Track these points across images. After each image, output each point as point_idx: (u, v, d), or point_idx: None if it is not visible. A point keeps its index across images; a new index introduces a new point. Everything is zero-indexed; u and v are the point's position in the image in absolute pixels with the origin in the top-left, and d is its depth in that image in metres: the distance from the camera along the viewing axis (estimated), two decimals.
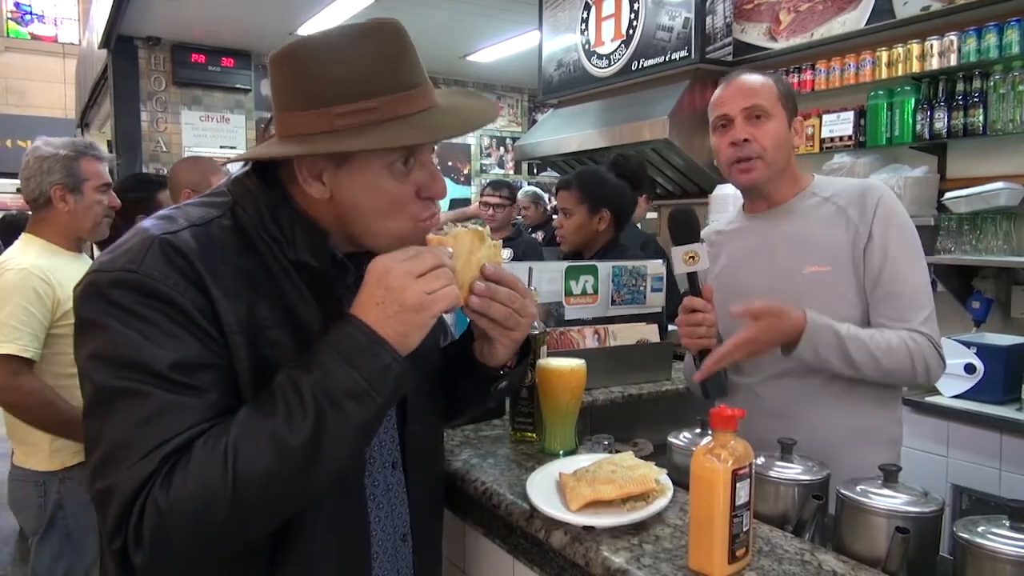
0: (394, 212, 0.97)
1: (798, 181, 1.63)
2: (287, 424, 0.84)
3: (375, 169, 0.95)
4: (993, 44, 2.76)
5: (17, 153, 10.91)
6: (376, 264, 0.91)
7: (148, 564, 0.82)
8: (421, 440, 1.13)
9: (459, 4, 5.74)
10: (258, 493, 0.83)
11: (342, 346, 0.88)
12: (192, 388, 0.86)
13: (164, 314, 0.87)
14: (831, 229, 1.54)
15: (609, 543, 1.04)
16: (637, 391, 2.07)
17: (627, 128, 3.94)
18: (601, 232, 2.54)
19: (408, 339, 0.90)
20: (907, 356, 1.45)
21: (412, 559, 1.12)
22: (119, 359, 0.85)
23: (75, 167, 2.11)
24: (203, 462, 0.82)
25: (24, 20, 12.53)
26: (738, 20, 3.77)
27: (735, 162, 1.57)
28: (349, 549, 1.02)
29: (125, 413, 0.84)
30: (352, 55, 0.93)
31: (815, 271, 1.53)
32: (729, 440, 0.96)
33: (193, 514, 0.81)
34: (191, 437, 0.84)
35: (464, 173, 8.87)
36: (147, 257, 0.89)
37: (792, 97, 1.62)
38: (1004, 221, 2.85)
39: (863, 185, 1.59)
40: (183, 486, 0.81)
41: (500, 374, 1.14)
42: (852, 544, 1.11)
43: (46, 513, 2.07)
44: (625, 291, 2.28)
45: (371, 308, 0.89)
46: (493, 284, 1.01)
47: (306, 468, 0.85)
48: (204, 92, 7.29)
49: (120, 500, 0.82)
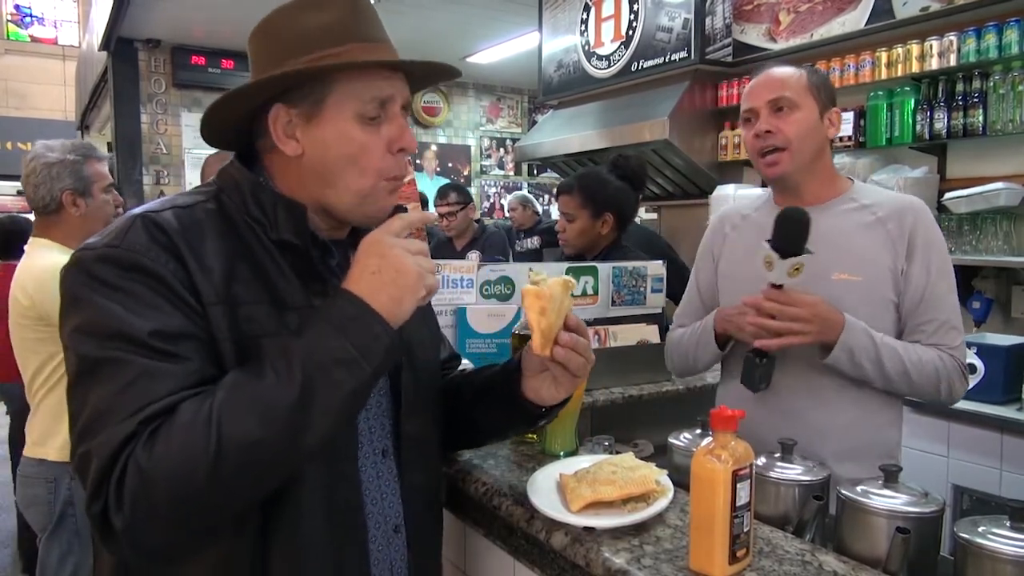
0: (362, 165, 1.00)
1: (835, 183, 1.59)
2: (274, 389, 0.85)
3: (345, 119, 0.99)
4: (992, 44, 2.76)
5: (17, 155, 10.93)
6: (370, 237, 0.95)
7: (129, 526, 0.81)
8: (416, 433, 1.12)
9: (459, 5, 5.74)
10: (242, 456, 0.83)
11: (333, 316, 0.90)
12: (172, 356, 0.87)
13: (145, 286, 0.89)
14: (867, 239, 1.51)
15: (610, 544, 1.04)
16: (637, 392, 2.07)
17: (627, 129, 3.94)
18: (604, 235, 2.53)
19: (402, 306, 0.92)
20: (935, 374, 1.45)
21: (406, 553, 1.11)
22: (102, 330, 0.87)
23: (83, 171, 2.12)
24: (187, 423, 0.83)
25: (24, 22, 12.54)
26: (738, 21, 3.78)
27: (761, 156, 1.55)
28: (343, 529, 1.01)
29: (107, 381, 0.85)
30: (324, 9, 1.00)
31: (845, 279, 1.48)
32: (729, 441, 0.96)
33: (175, 474, 0.81)
34: (174, 401, 0.85)
35: (464, 174, 8.88)
36: (129, 233, 0.92)
37: (827, 88, 1.57)
38: (1004, 221, 2.85)
39: (904, 201, 1.55)
40: (166, 446, 0.82)
41: (543, 411, 1.17)
42: (853, 544, 1.11)
43: (55, 510, 2.08)
44: (625, 292, 2.28)
45: (365, 278, 0.91)
46: (575, 335, 1.07)
47: (292, 434, 0.86)
48: (204, 94, 7.30)
49: (98, 462, 0.82)
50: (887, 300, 1.50)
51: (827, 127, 1.55)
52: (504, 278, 2.04)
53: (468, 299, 1.97)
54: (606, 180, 2.53)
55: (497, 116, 9.12)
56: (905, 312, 1.51)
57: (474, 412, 1.23)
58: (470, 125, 8.94)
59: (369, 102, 0.99)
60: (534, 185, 9.14)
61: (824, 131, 1.55)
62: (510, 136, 9.09)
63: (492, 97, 9.04)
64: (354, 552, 1.03)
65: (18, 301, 2.05)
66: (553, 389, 1.12)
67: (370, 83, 0.99)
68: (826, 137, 1.55)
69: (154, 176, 7.17)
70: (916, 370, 1.44)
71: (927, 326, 1.49)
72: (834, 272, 1.49)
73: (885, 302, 1.50)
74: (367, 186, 1.01)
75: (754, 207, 1.73)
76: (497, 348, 1.90)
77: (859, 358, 1.43)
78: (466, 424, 1.25)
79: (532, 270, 1.92)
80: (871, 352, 1.43)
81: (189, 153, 7.27)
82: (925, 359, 1.45)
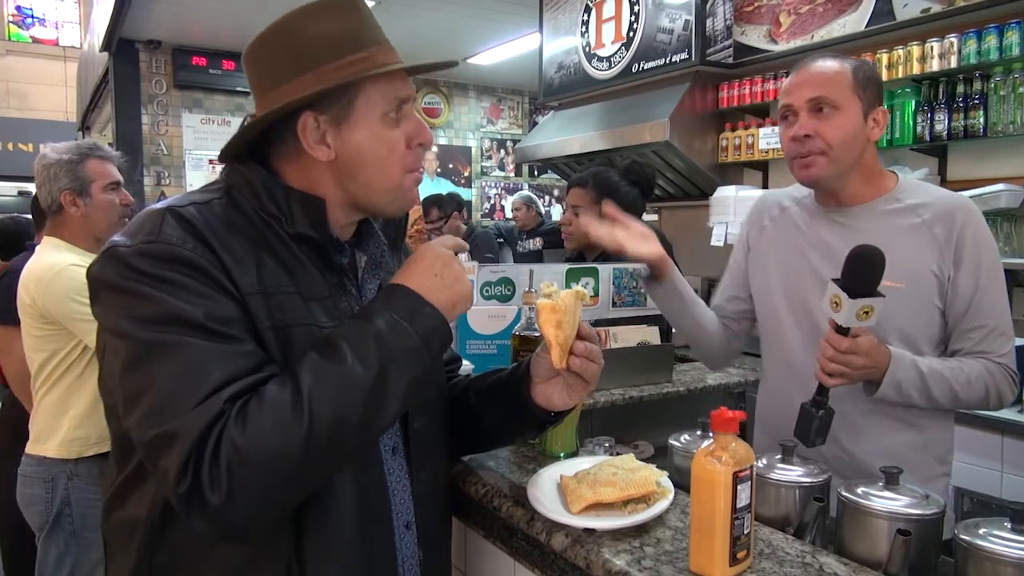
0: (391, 161, 1.05)
1: (877, 181, 1.49)
2: (356, 373, 0.90)
3: (374, 120, 1.03)
4: (993, 46, 2.76)
5: (18, 156, 10.92)
6: (432, 247, 1.03)
7: (225, 502, 0.83)
8: (424, 431, 1.14)
9: (459, 6, 5.75)
10: (331, 435, 0.87)
11: (398, 307, 0.96)
12: (232, 337, 0.90)
13: (190, 276, 0.91)
14: (912, 244, 1.43)
15: (610, 545, 1.04)
16: (638, 393, 2.07)
17: (628, 130, 3.94)
18: None
19: (455, 309, 1.01)
20: (983, 388, 1.41)
21: (417, 550, 1.12)
22: (156, 316, 0.88)
23: (79, 170, 2.14)
24: (277, 403, 0.86)
25: (25, 23, 12.54)
26: (738, 22, 3.78)
27: (795, 157, 1.46)
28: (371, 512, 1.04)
29: (171, 363, 0.86)
30: (329, 19, 1.02)
31: (888, 285, 1.33)
32: (730, 442, 0.96)
33: (271, 451, 0.84)
34: (255, 382, 0.88)
35: (465, 175, 8.88)
36: (163, 227, 0.93)
37: (874, 84, 1.46)
38: (1005, 223, 2.84)
39: (953, 202, 1.45)
40: (258, 424, 0.84)
41: (552, 416, 1.18)
42: (853, 546, 1.11)
43: (52, 509, 2.09)
44: (626, 293, 2.29)
45: (427, 279, 0.99)
46: (589, 344, 1.10)
47: (371, 415, 0.92)
48: (205, 95, 7.31)
49: (185, 442, 0.83)
50: (932, 307, 1.44)
51: (871, 128, 1.45)
52: (504, 279, 2.04)
53: None
54: (618, 182, 2.55)
55: (498, 117, 9.12)
56: (952, 319, 1.45)
57: (482, 415, 1.24)
58: (471, 126, 8.94)
59: (392, 102, 1.04)
60: (534, 187, 9.14)
61: (867, 132, 1.45)
62: (511, 137, 9.09)
63: (493, 98, 9.04)
64: (380, 532, 1.05)
65: (23, 299, 2.09)
66: (565, 395, 1.14)
67: (392, 85, 1.04)
68: (868, 139, 1.45)
69: (155, 177, 7.17)
70: (964, 391, 1.40)
71: (974, 333, 1.43)
72: None
73: (930, 309, 1.44)
74: (396, 181, 1.06)
75: (794, 198, 1.63)
76: (497, 349, 1.90)
77: (907, 390, 1.38)
78: (473, 427, 1.26)
79: (534, 272, 1.93)
80: (918, 383, 1.38)
81: (190, 154, 7.27)
82: (973, 377, 1.40)
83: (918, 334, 1.44)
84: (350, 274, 1.10)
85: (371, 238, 1.16)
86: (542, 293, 1.08)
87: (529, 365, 1.16)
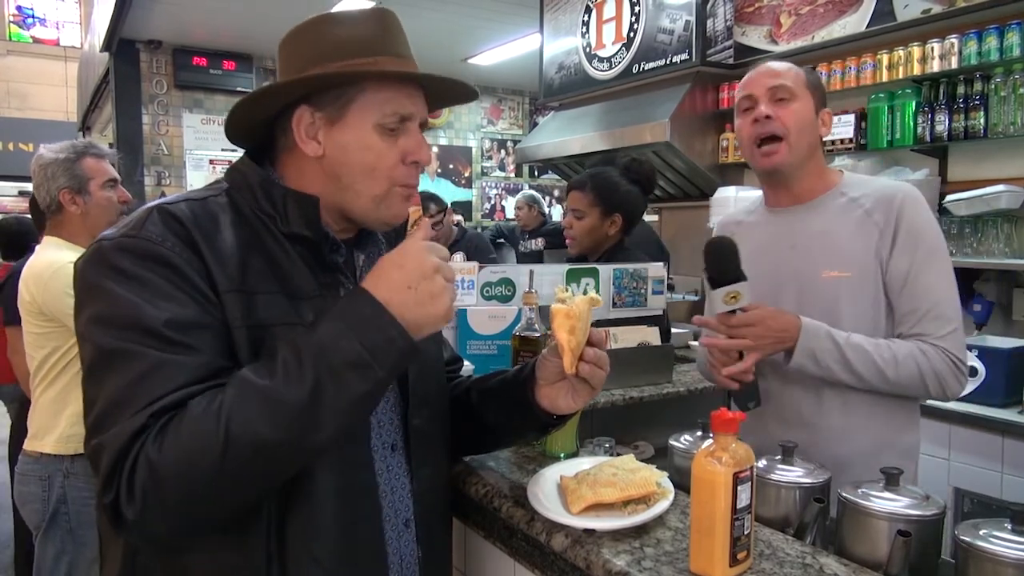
0: (377, 172, 1.03)
1: (825, 177, 1.57)
2: (284, 388, 0.86)
3: (366, 127, 1.02)
4: (994, 47, 2.76)
5: (19, 156, 10.92)
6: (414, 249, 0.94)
7: (140, 518, 0.84)
8: (424, 428, 1.13)
9: (460, 7, 5.75)
10: (248, 453, 0.84)
11: (348, 315, 0.90)
12: (185, 346, 0.89)
13: (161, 275, 0.91)
14: (855, 233, 1.49)
15: (610, 546, 1.04)
16: (638, 394, 2.07)
17: (628, 131, 3.95)
18: (611, 235, 2.52)
19: (421, 332, 0.93)
20: (916, 369, 1.40)
21: (416, 548, 1.11)
22: (116, 321, 0.89)
23: (77, 168, 2.15)
24: (197, 418, 0.84)
25: (26, 23, 12.54)
26: (739, 23, 3.78)
27: (758, 144, 1.52)
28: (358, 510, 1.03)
29: (120, 373, 0.87)
30: (352, 25, 1.05)
31: (834, 276, 1.47)
32: (730, 443, 0.96)
33: (183, 468, 0.83)
34: (185, 396, 0.86)
35: (465, 176, 8.88)
36: (147, 223, 0.95)
37: (821, 88, 1.58)
38: (1005, 224, 2.84)
39: (890, 188, 1.52)
40: (175, 441, 0.83)
41: (556, 419, 1.18)
42: (853, 547, 1.11)
43: (48, 508, 2.10)
44: (626, 293, 2.29)
45: (399, 290, 0.91)
46: (598, 351, 1.10)
47: (300, 433, 0.87)
48: (205, 95, 7.31)
49: (110, 454, 0.84)
50: (879, 296, 1.47)
51: (820, 126, 1.55)
52: (505, 280, 2.04)
53: (469, 301, 1.97)
54: (617, 181, 2.52)
55: (498, 118, 9.13)
56: (893, 303, 1.47)
57: (484, 416, 1.24)
58: (471, 127, 8.95)
59: (390, 115, 1.03)
60: (535, 187, 9.14)
61: (818, 129, 1.55)
62: (511, 138, 9.09)
63: (493, 99, 9.04)
64: (368, 532, 1.04)
65: (23, 296, 2.10)
66: (570, 399, 1.14)
67: (393, 98, 1.03)
68: (819, 136, 1.56)
69: (155, 177, 7.17)
70: (891, 368, 1.40)
71: (909, 316, 1.45)
72: (824, 270, 1.49)
73: (877, 297, 1.47)
74: (381, 191, 1.04)
75: (748, 212, 1.73)
76: (497, 350, 1.90)
77: (824, 360, 1.40)
78: (475, 428, 1.26)
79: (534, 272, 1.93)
80: (835, 353, 1.40)
81: (190, 154, 7.27)
82: (901, 355, 1.40)
83: (867, 323, 1.46)
84: (347, 273, 1.09)
85: (370, 237, 1.16)
86: (557, 298, 1.07)
87: (535, 367, 1.16)
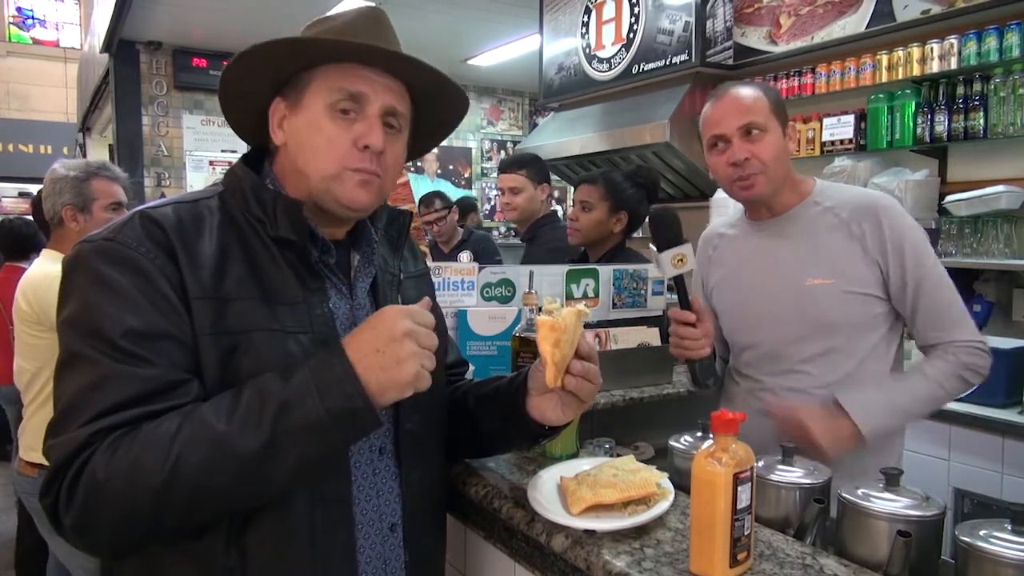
0: (326, 153, 1.02)
1: (799, 188, 1.61)
2: (238, 438, 0.86)
3: (318, 108, 1.02)
4: (993, 47, 2.76)
5: (19, 157, 10.90)
6: (392, 312, 0.94)
7: (75, 526, 0.86)
8: (416, 432, 1.12)
9: (460, 8, 5.75)
10: (188, 493, 0.85)
11: (320, 375, 0.89)
12: (140, 358, 0.89)
13: (130, 281, 0.92)
14: (834, 241, 1.53)
15: (610, 547, 1.04)
16: (638, 395, 2.07)
17: (628, 132, 3.95)
18: (615, 234, 2.56)
19: (385, 396, 0.91)
20: (959, 379, 1.49)
21: (402, 553, 1.10)
22: (82, 325, 0.91)
23: (85, 187, 2.21)
24: (147, 446, 0.85)
25: (26, 25, 12.54)
26: (738, 24, 3.78)
27: (735, 180, 1.55)
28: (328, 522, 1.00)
29: (78, 377, 0.89)
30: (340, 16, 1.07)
31: (818, 283, 1.52)
32: (730, 444, 0.96)
33: (124, 493, 0.84)
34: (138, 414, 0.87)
35: (465, 176, 8.88)
36: (125, 227, 0.96)
37: (782, 104, 1.59)
38: (1005, 224, 2.84)
39: (865, 198, 1.56)
40: (124, 461, 0.84)
41: (546, 430, 1.17)
42: (854, 548, 1.11)
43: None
44: (626, 294, 2.29)
45: (368, 353, 0.90)
46: (586, 363, 1.07)
47: (247, 483, 0.88)
48: (205, 96, 7.30)
49: (56, 459, 0.86)
50: (865, 297, 1.51)
51: (789, 142, 1.58)
52: (505, 280, 2.04)
53: (469, 301, 1.97)
54: (623, 182, 2.60)
55: (498, 118, 9.12)
56: (902, 312, 1.53)
57: (480, 422, 1.23)
58: (471, 127, 8.95)
59: (337, 91, 1.01)
60: None
61: (788, 148, 1.57)
62: (511, 138, 9.09)
63: (493, 99, 9.04)
64: (338, 544, 1.01)
65: (19, 305, 2.13)
66: (559, 412, 1.12)
67: (345, 77, 1.02)
68: (789, 153, 1.59)
69: (155, 178, 7.17)
70: (944, 391, 1.48)
71: (924, 323, 1.51)
72: (808, 278, 1.53)
73: (862, 299, 1.51)
74: (330, 173, 1.03)
75: (730, 224, 1.76)
76: (497, 351, 1.90)
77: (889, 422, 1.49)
78: (471, 433, 1.25)
79: (534, 272, 1.93)
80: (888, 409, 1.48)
81: (190, 155, 7.27)
82: (943, 377, 1.48)
83: (853, 323, 1.52)
84: (339, 274, 1.09)
85: (364, 237, 1.14)
86: (544, 309, 1.05)
87: (527, 376, 1.14)
